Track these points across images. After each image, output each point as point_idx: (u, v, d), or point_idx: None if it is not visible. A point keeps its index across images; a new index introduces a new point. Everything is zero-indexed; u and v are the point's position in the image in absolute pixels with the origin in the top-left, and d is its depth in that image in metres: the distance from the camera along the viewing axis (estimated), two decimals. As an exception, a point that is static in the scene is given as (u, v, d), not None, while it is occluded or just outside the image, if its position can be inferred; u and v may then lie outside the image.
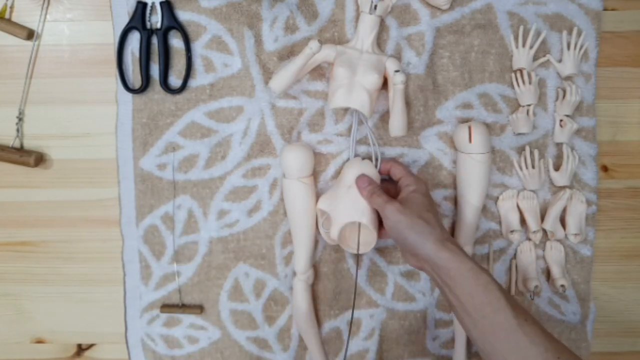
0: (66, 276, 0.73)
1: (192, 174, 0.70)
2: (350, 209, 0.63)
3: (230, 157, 0.69)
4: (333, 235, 0.64)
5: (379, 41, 0.68)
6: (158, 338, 0.72)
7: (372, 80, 0.63)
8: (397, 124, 0.64)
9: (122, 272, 0.71)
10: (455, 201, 0.70)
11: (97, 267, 0.72)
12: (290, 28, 0.68)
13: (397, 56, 0.68)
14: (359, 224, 0.65)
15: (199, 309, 0.71)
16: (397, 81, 0.63)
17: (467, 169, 0.67)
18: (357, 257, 0.70)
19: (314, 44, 0.61)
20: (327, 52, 0.65)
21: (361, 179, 0.64)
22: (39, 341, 0.74)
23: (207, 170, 0.70)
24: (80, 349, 0.74)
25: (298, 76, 0.65)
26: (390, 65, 0.65)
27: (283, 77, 0.64)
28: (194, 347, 0.72)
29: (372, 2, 0.64)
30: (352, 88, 0.63)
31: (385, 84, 0.66)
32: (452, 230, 0.70)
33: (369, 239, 0.65)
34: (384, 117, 0.69)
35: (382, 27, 0.68)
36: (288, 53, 0.68)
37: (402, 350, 0.72)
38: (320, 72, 0.68)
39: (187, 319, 0.71)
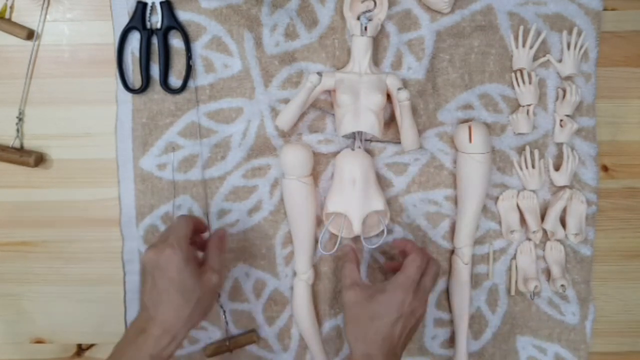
0: (66, 276, 0.73)
1: (192, 174, 0.70)
2: (364, 202, 0.65)
3: (230, 158, 0.69)
4: (357, 231, 0.65)
5: (379, 48, 0.68)
6: (158, 338, 0.72)
7: (376, 101, 0.64)
8: (409, 139, 0.65)
9: (122, 272, 0.71)
10: (455, 201, 0.70)
11: (97, 267, 0.72)
12: (290, 35, 0.68)
13: (398, 62, 0.68)
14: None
15: (199, 309, 0.71)
16: (402, 98, 0.64)
17: (467, 169, 0.67)
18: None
19: (314, 77, 0.63)
20: (328, 82, 0.65)
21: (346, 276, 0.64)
22: (39, 341, 0.74)
23: (207, 170, 0.70)
24: (80, 349, 0.74)
25: (302, 109, 0.66)
26: (391, 82, 0.65)
27: (288, 113, 0.65)
28: (194, 347, 0.72)
29: (361, 24, 0.65)
30: (359, 112, 0.64)
31: (387, 98, 0.66)
32: (453, 231, 0.70)
33: (375, 222, 0.69)
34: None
35: (383, 34, 0.68)
36: (290, 59, 0.68)
37: (400, 349, 0.72)
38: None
39: (187, 319, 0.71)
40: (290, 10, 0.68)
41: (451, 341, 0.72)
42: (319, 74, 0.64)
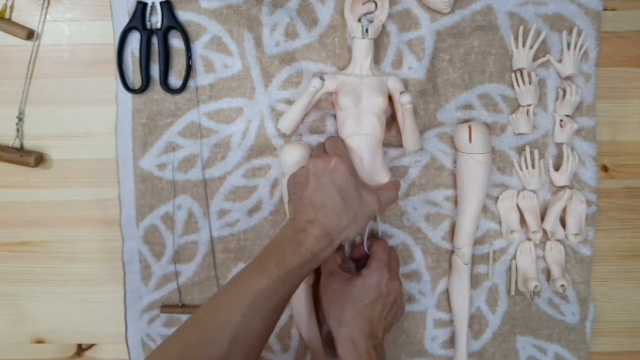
0: (66, 276, 0.73)
1: (192, 174, 0.70)
2: (370, 178, 0.65)
3: (230, 158, 0.69)
4: None
5: (379, 47, 0.68)
6: (158, 338, 0.72)
7: (378, 104, 0.64)
8: (411, 141, 0.66)
9: (122, 272, 0.71)
10: (455, 201, 0.70)
11: (97, 267, 0.72)
12: (290, 34, 0.68)
13: (398, 61, 0.68)
14: None
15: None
16: (404, 102, 0.63)
17: (467, 169, 0.67)
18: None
19: (316, 82, 0.63)
20: (330, 85, 0.65)
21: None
22: (39, 341, 0.74)
23: (207, 170, 0.70)
24: (80, 349, 0.74)
25: (304, 112, 0.66)
26: (393, 85, 0.65)
27: (291, 117, 0.66)
28: (194, 347, 0.72)
29: (362, 26, 0.64)
30: (360, 115, 0.64)
31: (389, 99, 0.66)
32: (453, 231, 0.70)
33: None
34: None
35: (383, 33, 0.68)
36: (290, 58, 0.68)
37: (399, 350, 0.72)
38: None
39: (187, 319, 0.71)
40: (290, 10, 0.68)
41: (451, 342, 0.72)
42: (322, 78, 0.64)
